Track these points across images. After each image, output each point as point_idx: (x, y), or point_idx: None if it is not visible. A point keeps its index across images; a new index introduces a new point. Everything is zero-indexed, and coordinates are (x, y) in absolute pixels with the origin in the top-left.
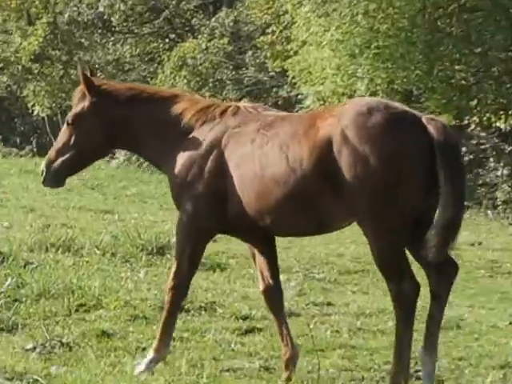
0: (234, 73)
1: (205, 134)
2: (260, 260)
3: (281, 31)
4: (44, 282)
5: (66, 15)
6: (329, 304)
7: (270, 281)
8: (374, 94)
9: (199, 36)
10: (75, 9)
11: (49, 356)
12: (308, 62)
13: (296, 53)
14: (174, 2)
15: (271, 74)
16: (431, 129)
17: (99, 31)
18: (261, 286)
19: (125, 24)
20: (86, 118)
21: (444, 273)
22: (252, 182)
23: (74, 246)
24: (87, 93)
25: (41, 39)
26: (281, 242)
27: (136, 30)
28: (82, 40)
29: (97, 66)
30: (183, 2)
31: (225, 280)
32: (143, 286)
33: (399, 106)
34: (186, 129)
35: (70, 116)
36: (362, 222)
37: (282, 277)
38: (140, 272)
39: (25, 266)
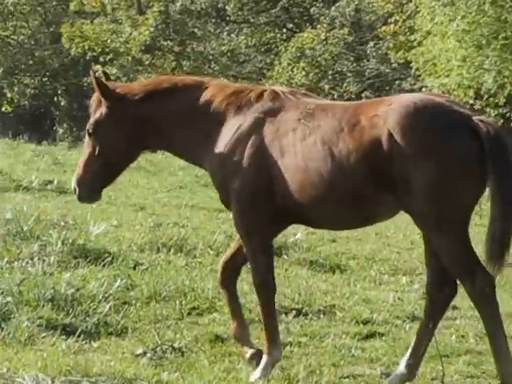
0: (354, 64)
1: (242, 120)
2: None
3: (404, 21)
4: (155, 283)
5: (179, 4)
6: (454, 308)
7: (235, 261)
8: (501, 86)
9: (318, 26)
10: None
11: (160, 361)
12: (432, 53)
13: (420, 43)
14: None
15: (394, 65)
16: (481, 130)
17: (213, 20)
18: (223, 258)
19: (240, 13)
20: (105, 125)
21: (444, 292)
22: (295, 174)
23: (187, 246)
24: (102, 98)
25: (152, 29)
26: (404, 243)
27: (252, 20)
28: (195, 30)
29: (210, 56)
30: None
31: (344, 282)
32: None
33: (447, 104)
34: (219, 116)
35: (89, 126)
36: (426, 225)
37: (404, 279)
38: None
39: (135, 267)
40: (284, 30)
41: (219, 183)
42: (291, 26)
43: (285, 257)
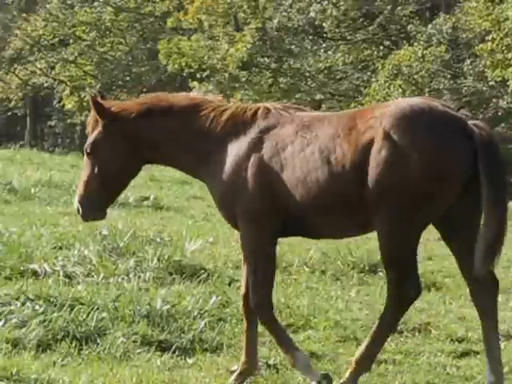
0: (451, 82)
1: (240, 141)
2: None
3: (501, 39)
4: None
5: (276, 21)
6: None
7: None
8: None
9: (415, 43)
10: (285, 14)
11: (254, 378)
12: None
13: None
14: (388, 8)
15: (491, 83)
16: (475, 134)
17: (310, 37)
18: (243, 290)
19: (337, 30)
20: (103, 144)
21: (487, 287)
22: (295, 187)
23: (283, 262)
24: (99, 117)
25: (249, 46)
26: (500, 261)
27: (349, 37)
28: (292, 47)
29: (307, 73)
30: (398, 8)
31: (440, 300)
32: (354, 305)
33: (443, 108)
34: (218, 136)
35: (87, 145)
36: (381, 218)
37: (500, 297)
38: (351, 291)
39: (230, 284)
40: (381, 47)
41: (224, 204)
42: (388, 43)
43: (380, 274)
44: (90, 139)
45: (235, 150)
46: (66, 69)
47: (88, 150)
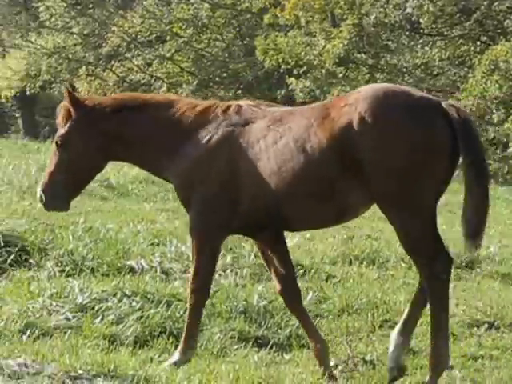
0: None
1: (210, 134)
2: (273, 260)
3: None
4: (347, 296)
5: (373, 16)
6: None
7: (286, 280)
8: None
9: None
10: (382, 10)
11: (351, 374)
12: None
13: None
14: (485, 3)
15: None
16: (451, 114)
17: (407, 33)
18: (278, 287)
19: (434, 26)
20: (74, 137)
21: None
22: (269, 179)
23: (379, 258)
24: (73, 110)
25: (346, 41)
26: None
27: (446, 33)
28: (389, 42)
29: (404, 69)
30: (495, 3)
31: None
32: (451, 301)
33: (416, 91)
34: (188, 131)
35: (57, 137)
36: (387, 208)
37: None
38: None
39: (327, 280)
40: (478, 43)
41: (185, 192)
42: (485, 38)
43: (477, 270)
44: (62, 131)
45: (203, 141)
46: (162, 65)
47: (58, 142)
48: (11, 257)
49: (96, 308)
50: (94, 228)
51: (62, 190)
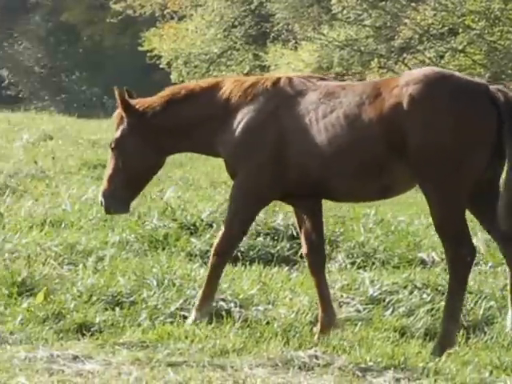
0: None
1: (260, 106)
2: (306, 226)
3: None
4: None
5: None
6: None
7: (315, 244)
8: None
9: None
10: None
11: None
12: None
13: None
14: None
15: None
16: (499, 98)
17: None
18: (304, 249)
19: None
20: (128, 140)
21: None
22: (318, 151)
23: None
24: (124, 114)
25: None
26: None
27: None
28: None
29: None
30: None
31: None
32: None
33: (463, 76)
34: (237, 107)
35: (112, 142)
36: (426, 185)
37: None
38: None
39: None
40: None
41: (234, 160)
42: None
43: None
44: (115, 136)
45: (257, 114)
46: (455, 58)
47: (112, 146)
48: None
49: (387, 300)
50: (385, 220)
51: (120, 193)
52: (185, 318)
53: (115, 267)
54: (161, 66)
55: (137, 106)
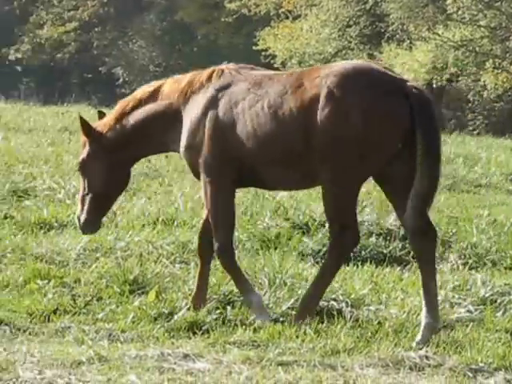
0: None
1: (198, 102)
2: None
3: None
4: None
5: None
6: None
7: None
8: None
9: None
10: None
11: None
12: None
13: None
14: None
15: None
16: (412, 95)
17: None
18: (199, 232)
19: None
20: (90, 161)
21: (425, 236)
22: (246, 141)
23: None
24: (85, 136)
25: None
26: None
27: None
28: None
29: None
30: None
31: None
32: None
33: (384, 70)
34: (179, 105)
35: (77, 164)
36: (324, 175)
37: None
38: None
39: None
40: None
41: (190, 160)
42: None
43: None
44: (79, 158)
45: (195, 108)
46: None
47: (78, 169)
48: None
49: (498, 301)
50: (498, 221)
51: (89, 213)
52: None
53: None
54: (275, 66)
55: (97, 129)
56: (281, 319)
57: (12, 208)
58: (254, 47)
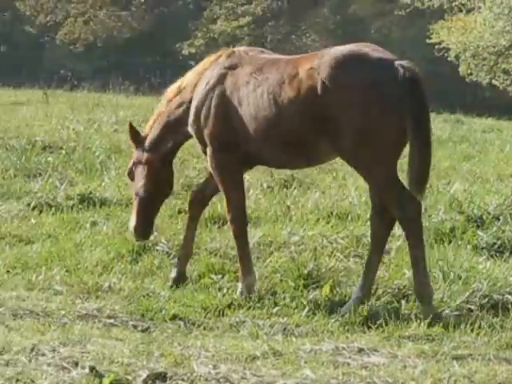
0: None
1: (207, 78)
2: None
3: None
4: None
5: None
6: None
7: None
8: None
9: None
10: None
11: None
12: None
13: None
14: None
15: None
16: (400, 74)
17: None
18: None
19: None
20: (138, 168)
21: (385, 219)
22: (248, 123)
23: None
24: (132, 144)
25: None
26: None
27: None
28: None
29: None
30: None
31: None
32: None
33: (372, 53)
34: (193, 88)
35: (127, 172)
36: (352, 161)
37: None
38: None
39: None
40: None
41: (197, 134)
42: None
43: None
44: (129, 166)
45: (204, 84)
46: None
47: (127, 176)
48: None
49: None
50: None
51: (144, 222)
52: (470, 311)
53: (401, 260)
54: (449, 59)
55: (143, 135)
56: (455, 313)
57: (186, 202)
58: (427, 40)
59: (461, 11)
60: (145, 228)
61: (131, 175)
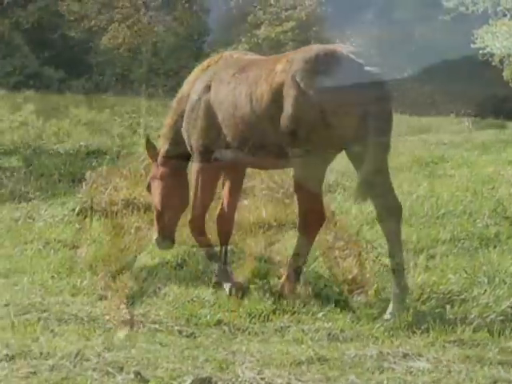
0: None
1: (199, 84)
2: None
3: None
4: None
5: None
6: None
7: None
8: None
9: None
10: None
11: None
12: None
13: None
14: None
15: None
16: (369, 82)
17: None
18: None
19: None
20: (156, 181)
21: (392, 211)
22: (229, 122)
23: None
24: (149, 158)
25: None
26: None
27: None
28: None
29: None
30: None
31: None
32: None
33: (345, 54)
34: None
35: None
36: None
37: None
38: None
39: None
40: None
41: (187, 140)
42: None
43: None
44: (148, 179)
45: (195, 90)
46: None
47: (146, 189)
48: None
49: None
50: None
51: (165, 232)
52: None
53: (446, 265)
54: (493, 64)
55: (158, 149)
56: (501, 318)
57: None
58: (471, 45)
59: (505, 16)
60: (165, 240)
61: (149, 189)
